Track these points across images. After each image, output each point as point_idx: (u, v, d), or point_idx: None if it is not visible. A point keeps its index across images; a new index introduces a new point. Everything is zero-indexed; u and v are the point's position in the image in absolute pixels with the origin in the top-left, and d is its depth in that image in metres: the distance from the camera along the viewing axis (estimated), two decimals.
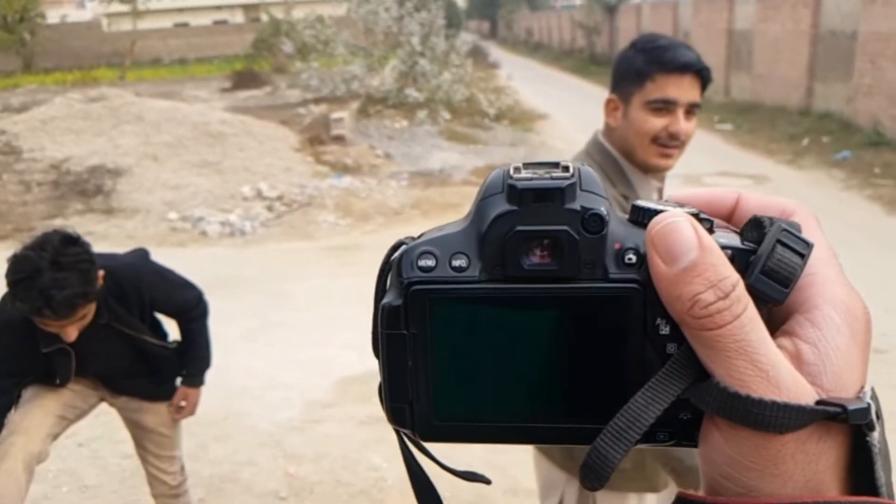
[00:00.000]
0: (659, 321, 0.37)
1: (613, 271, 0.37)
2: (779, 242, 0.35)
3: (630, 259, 0.37)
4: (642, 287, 0.37)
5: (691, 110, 1.81)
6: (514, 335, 0.38)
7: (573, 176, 0.37)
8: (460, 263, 0.38)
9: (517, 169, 0.38)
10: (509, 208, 0.37)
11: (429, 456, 0.43)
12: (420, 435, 0.41)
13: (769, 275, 0.35)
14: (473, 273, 0.38)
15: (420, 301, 0.38)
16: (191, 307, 2.74)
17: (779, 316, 0.36)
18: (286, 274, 6.70)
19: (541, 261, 0.37)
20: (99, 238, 7.69)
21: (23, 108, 14.07)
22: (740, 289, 0.34)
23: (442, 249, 0.38)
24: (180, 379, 2.84)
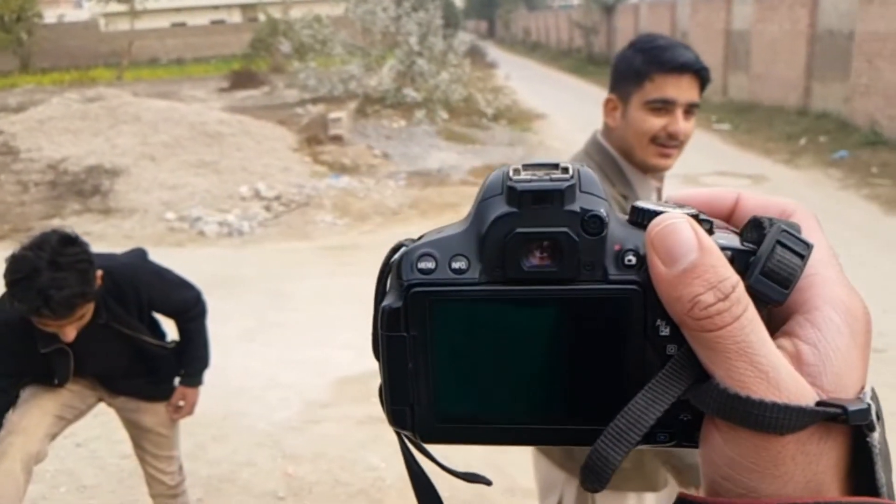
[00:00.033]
0: (659, 322, 0.37)
1: (613, 273, 0.37)
2: (778, 243, 0.35)
3: (630, 260, 0.37)
4: (642, 288, 0.37)
5: (690, 110, 1.82)
6: (515, 337, 0.38)
7: (572, 177, 0.37)
8: (460, 265, 0.38)
9: (517, 171, 0.38)
10: (509, 210, 0.37)
11: (430, 458, 0.43)
12: (421, 437, 0.41)
13: (769, 276, 0.35)
14: (473, 275, 0.38)
15: (420, 303, 0.38)
16: (189, 307, 2.74)
17: (779, 316, 0.36)
18: (284, 274, 6.69)
19: (540, 262, 0.37)
20: (96, 238, 7.68)
21: (20, 108, 14.04)
22: (740, 290, 0.34)
23: (442, 251, 0.38)
24: (178, 379, 2.84)
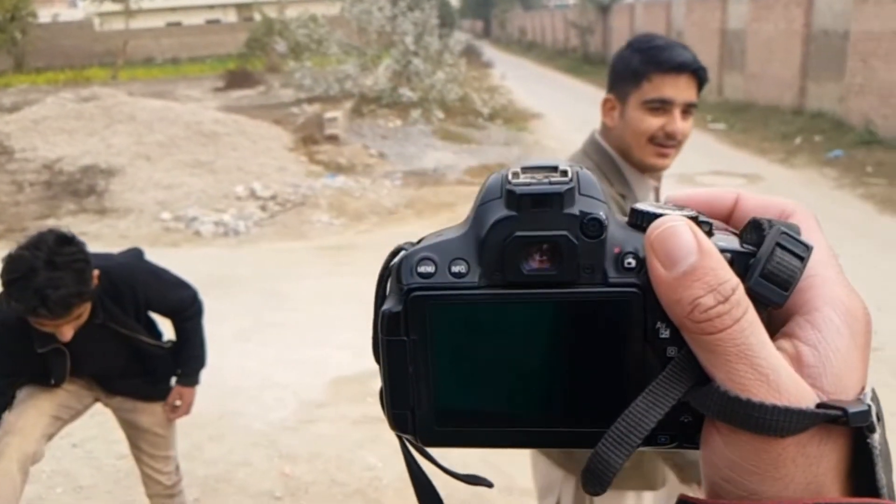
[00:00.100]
0: (659, 325, 0.37)
1: (613, 275, 0.37)
2: (778, 245, 0.35)
3: (629, 263, 0.37)
4: (642, 291, 0.37)
5: (688, 110, 1.82)
6: (514, 340, 0.38)
7: (571, 180, 0.37)
8: (460, 269, 0.38)
9: (515, 174, 0.38)
10: (508, 214, 0.37)
11: (431, 461, 0.44)
12: (422, 440, 0.41)
13: (769, 278, 0.35)
14: (473, 279, 0.38)
15: (420, 307, 0.38)
16: (185, 306, 2.74)
17: (779, 318, 0.36)
18: (280, 274, 6.68)
19: (540, 266, 0.37)
20: (92, 238, 7.66)
21: (14, 108, 14.00)
22: (740, 292, 0.34)
23: (441, 255, 0.38)
24: (175, 378, 2.84)
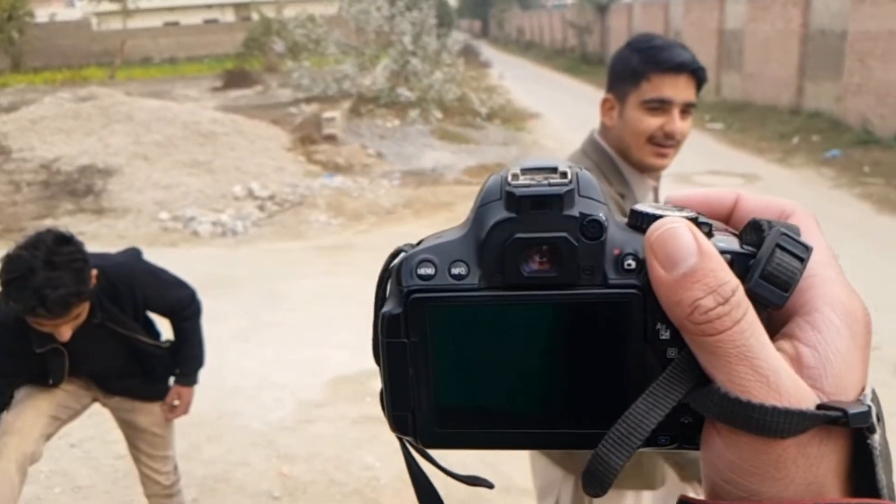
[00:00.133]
0: (659, 326, 0.37)
1: (613, 277, 0.37)
2: (778, 246, 0.35)
3: (629, 265, 0.37)
4: (642, 292, 0.37)
5: (687, 110, 1.83)
6: (515, 342, 0.38)
7: (571, 182, 0.37)
8: (459, 271, 0.38)
9: (515, 175, 0.38)
10: (508, 215, 0.37)
11: (432, 462, 0.44)
12: (422, 442, 0.41)
13: (768, 279, 0.35)
14: (473, 281, 0.38)
15: (420, 309, 0.38)
16: (184, 306, 2.74)
17: (779, 318, 0.36)
18: (278, 273, 6.68)
19: (540, 268, 0.37)
20: (90, 238, 7.65)
21: (12, 108, 13.98)
22: (740, 294, 0.34)
23: (441, 257, 0.38)
24: (173, 378, 2.84)
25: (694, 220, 0.36)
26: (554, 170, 0.38)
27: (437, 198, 9.24)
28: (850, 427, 0.33)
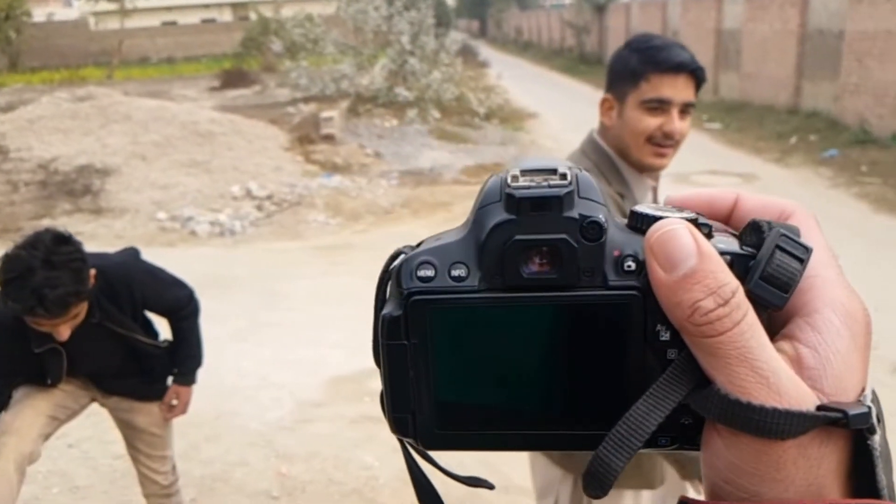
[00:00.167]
0: (659, 327, 0.37)
1: (613, 278, 0.37)
2: (778, 248, 0.35)
3: (629, 266, 0.37)
4: (642, 294, 0.37)
5: (686, 110, 1.83)
6: (515, 344, 0.38)
7: (571, 183, 0.37)
8: (459, 273, 0.38)
9: (514, 177, 0.38)
10: (507, 217, 0.37)
11: (433, 463, 0.44)
12: (423, 444, 0.41)
13: (768, 280, 0.35)
14: (473, 282, 0.38)
15: (420, 311, 0.38)
16: (182, 305, 2.74)
17: (779, 319, 0.36)
18: (276, 273, 6.68)
19: (540, 269, 0.37)
20: (87, 238, 7.63)
21: (9, 108, 13.96)
22: (740, 295, 0.34)
23: (441, 259, 0.38)
24: (171, 378, 2.84)
25: (694, 222, 0.36)
26: (553, 171, 0.38)
27: (435, 197, 9.24)
28: (851, 428, 0.33)
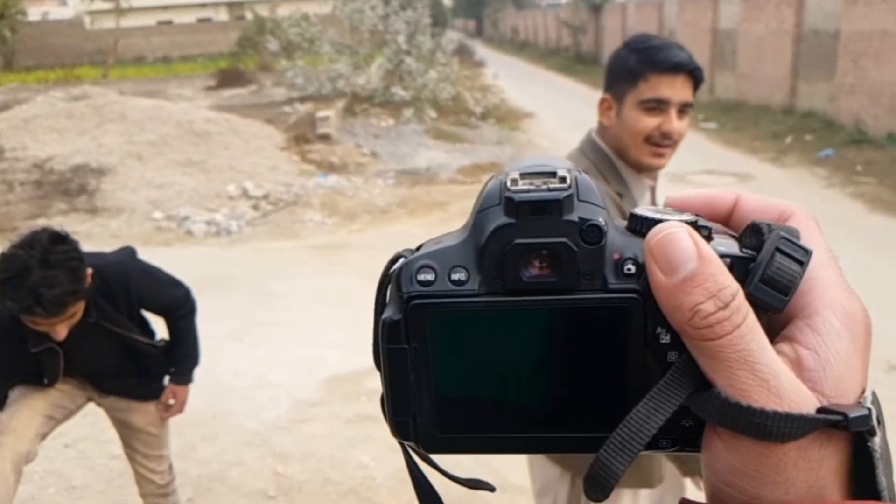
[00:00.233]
0: (659, 330, 0.37)
1: (613, 282, 0.37)
2: (777, 250, 0.35)
3: (629, 269, 0.37)
4: (642, 297, 0.37)
5: (684, 110, 1.83)
6: (515, 347, 0.39)
7: (570, 187, 0.37)
8: (459, 277, 0.38)
9: (514, 180, 0.38)
10: (507, 221, 0.37)
11: (434, 467, 0.44)
12: (424, 447, 0.41)
13: (768, 283, 0.35)
14: (473, 286, 0.38)
15: (420, 315, 0.38)
16: (178, 304, 2.74)
17: (779, 321, 0.36)
18: (272, 273, 6.67)
19: (540, 273, 0.37)
20: (83, 237, 7.58)
21: (4, 107, 13.90)
22: (740, 298, 0.34)
23: (441, 263, 0.38)
24: (168, 377, 2.84)
25: (693, 224, 0.36)
26: (553, 174, 0.38)
27: (432, 197, 9.24)
28: (851, 431, 0.33)
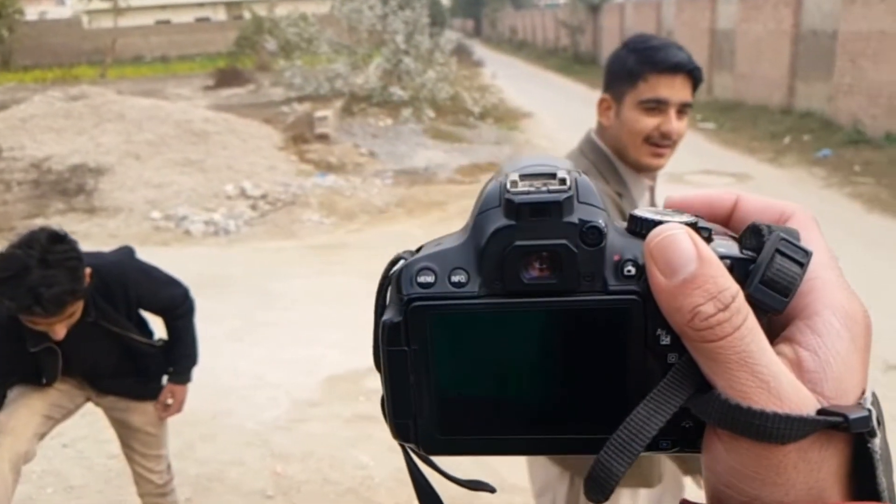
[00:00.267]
0: (659, 332, 0.37)
1: (613, 283, 0.37)
2: (777, 251, 0.35)
3: (629, 271, 0.37)
4: (642, 298, 0.37)
5: (683, 110, 1.84)
6: (515, 349, 0.39)
7: (570, 188, 0.37)
8: (459, 279, 0.38)
9: (514, 182, 0.38)
10: (507, 223, 0.37)
11: (435, 468, 0.44)
12: (424, 449, 0.41)
13: (768, 284, 0.35)
14: (473, 288, 0.38)
15: (420, 317, 0.38)
16: (177, 304, 2.74)
17: (779, 322, 0.36)
18: (271, 273, 6.67)
19: (540, 275, 0.37)
20: (81, 237, 7.54)
21: (2, 107, 13.86)
22: (740, 300, 0.34)
23: (441, 265, 0.38)
24: (166, 377, 2.84)
25: (693, 225, 0.36)
26: (553, 175, 0.38)
27: (430, 197, 9.23)
28: (851, 432, 0.33)
